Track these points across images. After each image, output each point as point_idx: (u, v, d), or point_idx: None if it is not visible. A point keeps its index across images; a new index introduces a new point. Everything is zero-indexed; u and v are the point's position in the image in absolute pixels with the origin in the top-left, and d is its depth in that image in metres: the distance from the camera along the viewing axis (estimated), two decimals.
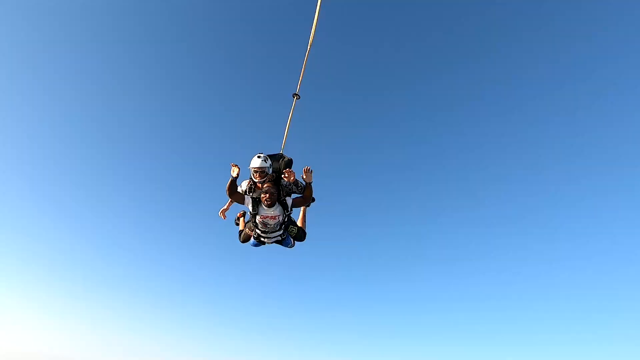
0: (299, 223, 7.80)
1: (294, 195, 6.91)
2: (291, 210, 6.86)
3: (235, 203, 6.99)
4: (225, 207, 7.62)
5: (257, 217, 6.56)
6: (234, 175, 6.31)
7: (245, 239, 7.36)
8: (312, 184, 6.49)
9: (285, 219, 6.83)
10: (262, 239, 6.93)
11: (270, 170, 6.54)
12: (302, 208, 7.96)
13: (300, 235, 7.63)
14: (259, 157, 6.46)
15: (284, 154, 7.11)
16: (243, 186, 6.78)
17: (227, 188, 6.44)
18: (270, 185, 6.50)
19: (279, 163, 6.93)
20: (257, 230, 6.73)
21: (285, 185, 6.74)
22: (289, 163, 6.93)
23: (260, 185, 6.56)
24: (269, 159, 6.55)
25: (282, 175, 6.46)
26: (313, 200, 7.34)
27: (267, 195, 6.37)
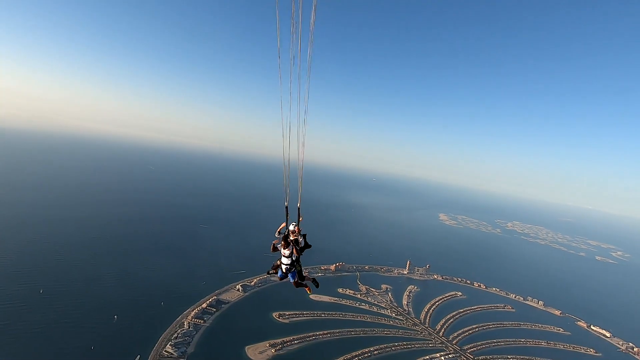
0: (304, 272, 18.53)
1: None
2: (298, 255, 17.49)
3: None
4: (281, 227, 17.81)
5: (281, 250, 17.16)
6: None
7: (275, 267, 18.07)
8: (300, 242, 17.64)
9: (294, 258, 17.24)
10: (281, 265, 17.42)
11: (293, 228, 17.28)
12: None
13: (300, 275, 17.58)
14: (292, 224, 17.07)
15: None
16: (282, 235, 17.28)
17: (272, 248, 17.47)
18: (284, 243, 16.95)
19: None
20: (281, 256, 17.49)
21: (292, 240, 17.31)
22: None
23: (290, 234, 17.26)
24: (295, 224, 17.13)
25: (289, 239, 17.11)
26: (309, 246, 17.97)
27: (283, 244, 16.94)
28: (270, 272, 18.66)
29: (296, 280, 17.56)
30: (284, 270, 17.37)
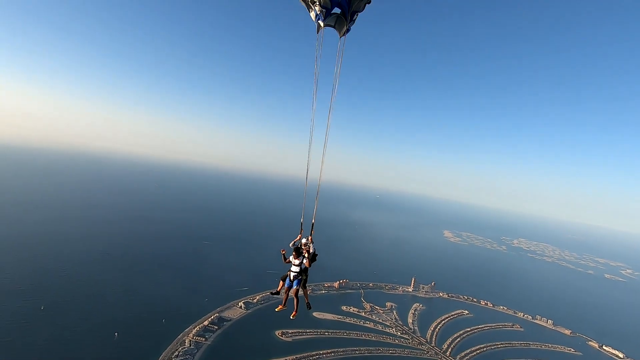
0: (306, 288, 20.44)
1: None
2: (308, 265, 19.37)
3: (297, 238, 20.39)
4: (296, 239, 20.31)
5: (292, 261, 19.45)
6: (284, 253, 20.01)
7: (283, 277, 19.71)
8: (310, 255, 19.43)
9: (303, 267, 19.42)
10: (290, 274, 19.46)
11: (306, 241, 20.02)
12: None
13: (303, 284, 19.69)
14: (305, 238, 19.92)
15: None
16: (295, 247, 19.80)
17: (283, 258, 19.80)
18: (295, 254, 19.40)
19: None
20: (291, 265, 19.64)
21: (302, 252, 19.54)
22: None
23: (302, 247, 19.72)
24: (308, 239, 19.99)
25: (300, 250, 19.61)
26: (314, 259, 19.60)
27: (294, 254, 19.34)
28: (273, 293, 21.14)
29: (298, 287, 19.57)
30: (291, 279, 19.47)
